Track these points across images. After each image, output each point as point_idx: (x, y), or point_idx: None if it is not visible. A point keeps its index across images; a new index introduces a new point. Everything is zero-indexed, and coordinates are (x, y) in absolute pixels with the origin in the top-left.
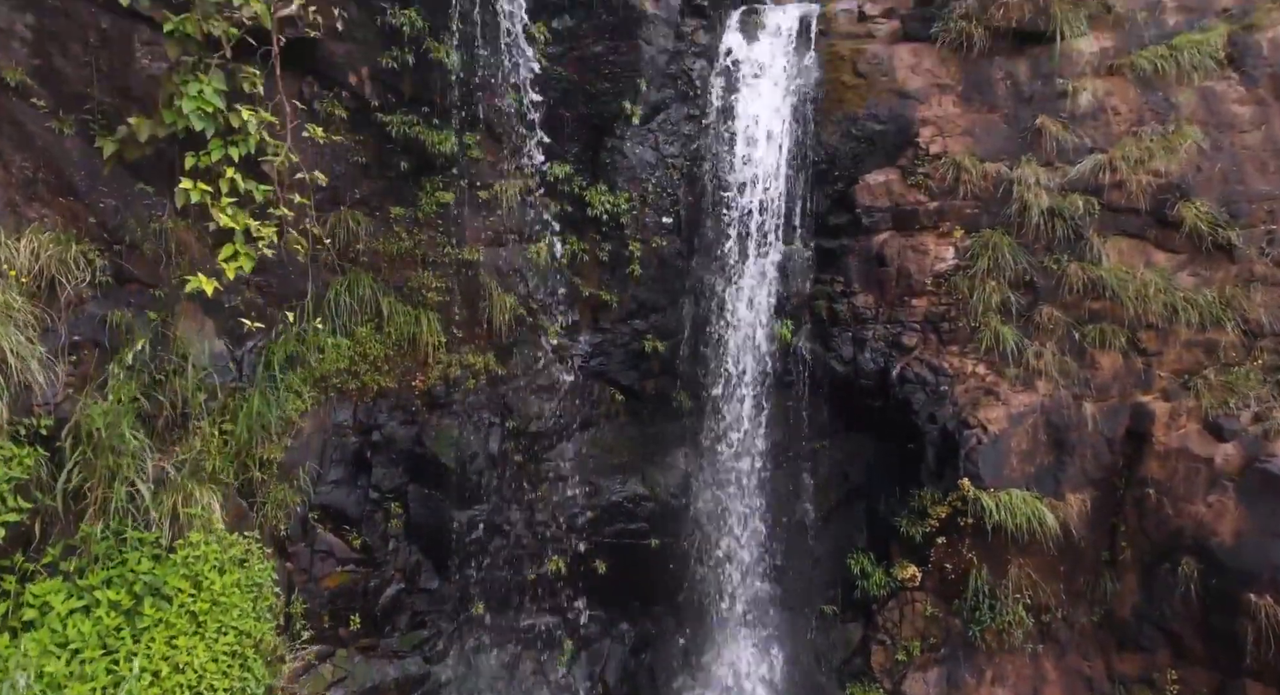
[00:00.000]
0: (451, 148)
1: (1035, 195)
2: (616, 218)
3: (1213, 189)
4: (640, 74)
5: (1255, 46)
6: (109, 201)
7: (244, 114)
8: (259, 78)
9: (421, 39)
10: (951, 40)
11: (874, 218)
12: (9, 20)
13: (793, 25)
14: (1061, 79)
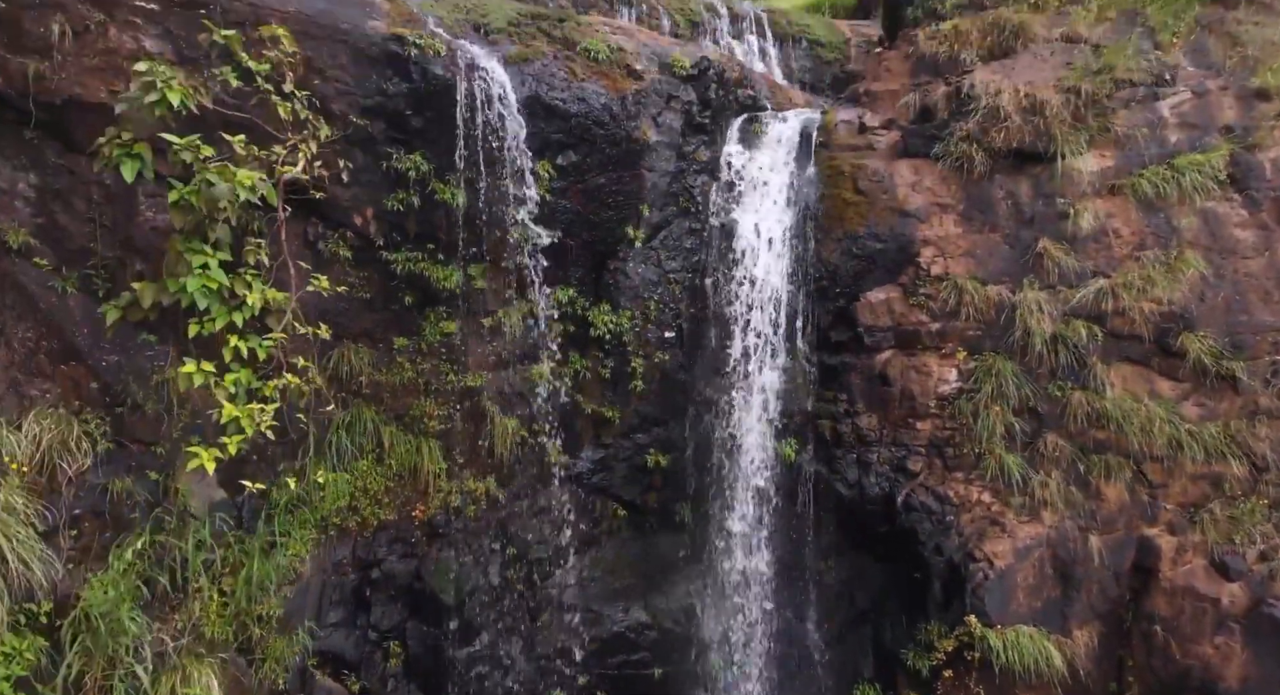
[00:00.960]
0: (456, 283)
1: (1038, 321)
2: (619, 336)
3: (1216, 319)
4: (643, 200)
5: (1258, 167)
6: (111, 357)
7: (250, 298)
8: (264, 248)
9: (427, 181)
10: (952, 162)
11: (876, 337)
12: (11, 180)
13: (793, 137)
14: (1063, 199)
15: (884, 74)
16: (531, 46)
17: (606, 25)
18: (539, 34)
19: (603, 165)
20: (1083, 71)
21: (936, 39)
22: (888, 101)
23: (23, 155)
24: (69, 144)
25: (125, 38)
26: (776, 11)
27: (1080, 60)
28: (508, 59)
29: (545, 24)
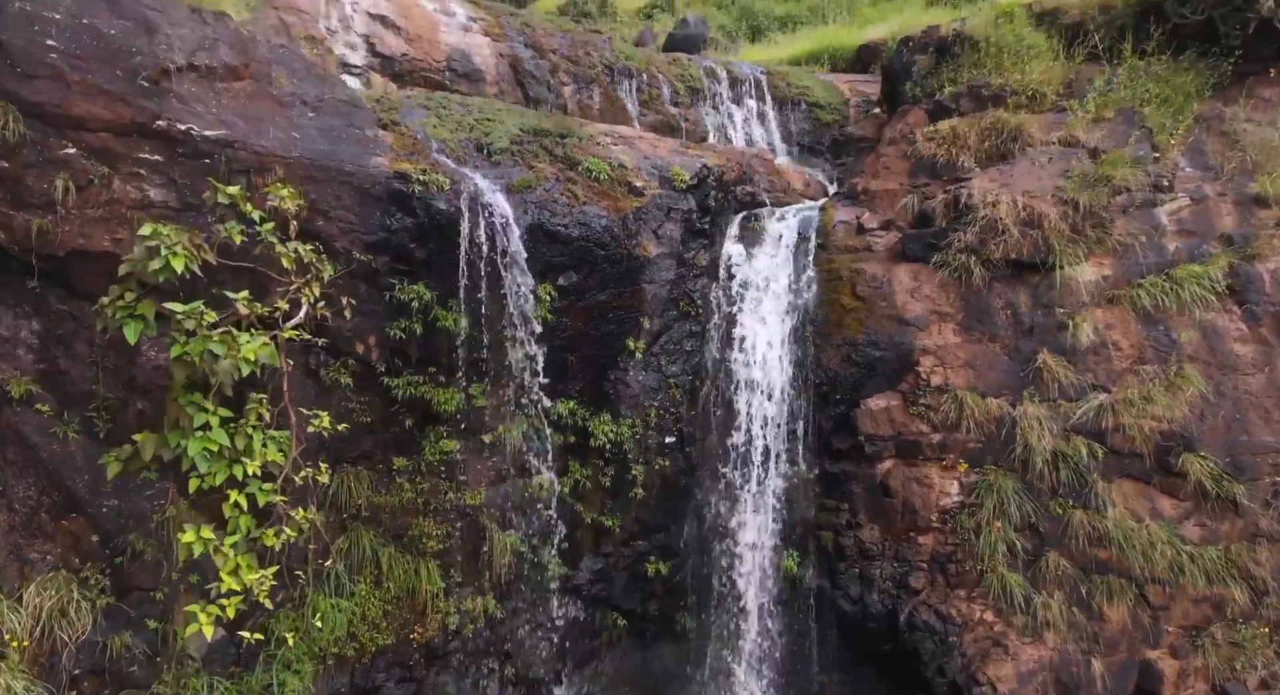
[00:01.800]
0: (457, 405)
1: (1038, 438)
2: (620, 444)
3: (1216, 439)
4: (643, 312)
5: (1257, 279)
6: (111, 502)
7: (250, 467)
8: (265, 404)
9: (429, 308)
10: (951, 271)
11: (877, 446)
12: (14, 328)
13: (791, 237)
14: (1061, 309)
15: (882, 171)
16: (535, 168)
17: (608, 135)
18: (541, 152)
19: (604, 283)
20: (1080, 181)
21: (935, 141)
22: (885, 201)
23: (25, 304)
24: (72, 290)
25: (129, 188)
26: (776, 73)
27: (1078, 168)
28: (510, 187)
29: (547, 141)
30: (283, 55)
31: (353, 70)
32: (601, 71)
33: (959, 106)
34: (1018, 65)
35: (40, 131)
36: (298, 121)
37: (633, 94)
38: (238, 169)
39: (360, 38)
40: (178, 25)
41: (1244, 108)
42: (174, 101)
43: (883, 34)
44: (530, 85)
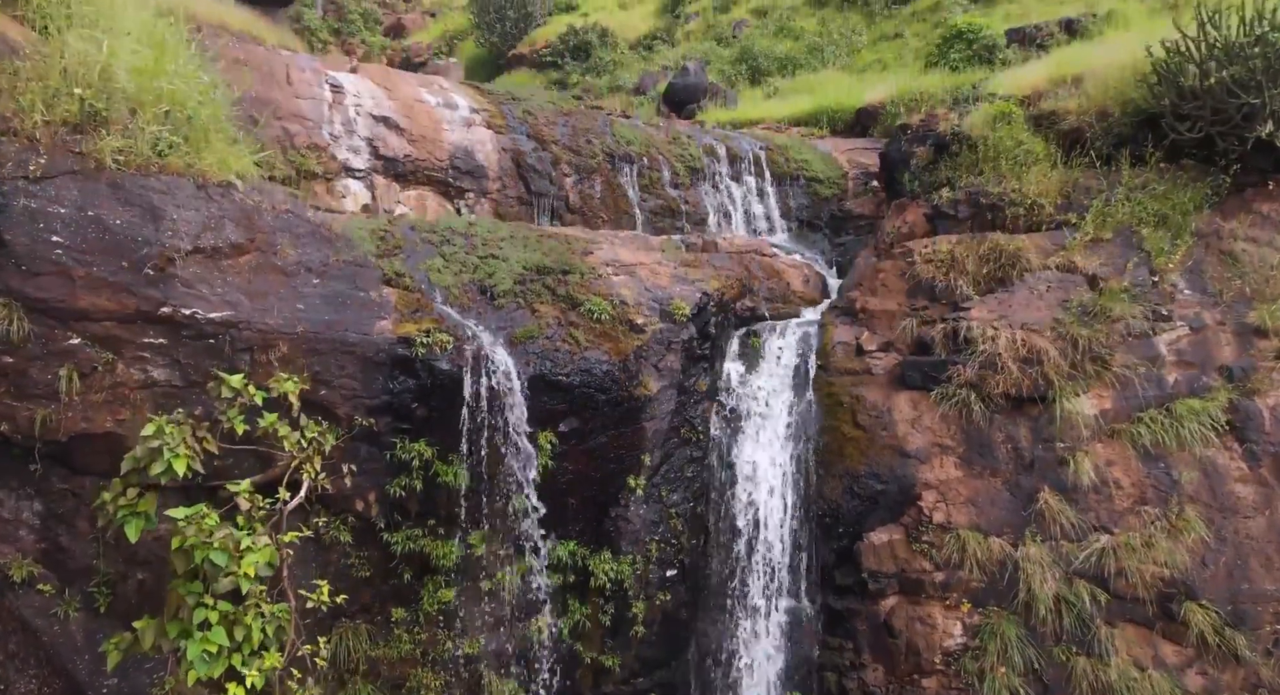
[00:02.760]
0: (456, 558)
1: (1041, 582)
2: (620, 582)
3: (1218, 586)
4: (644, 449)
5: (1257, 416)
6: (110, 682)
7: (250, 676)
8: (264, 595)
9: (430, 465)
10: (951, 404)
11: (880, 583)
12: (16, 511)
13: (791, 357)
14: (1062, 444)
15: (880, 288)
16: (537, 312)
17: (609, 265)
18: (544, 291)
19: (604, 426)
20: (1079, 315)
21: (933, 263)
22: (884, 322)
23: (27, 486)
24: (73, 468)
25: (133, 371)
26: (774, 148)
27: (1076, 299)
28: (513, 339)
29: (550, 279)
30: (287, 222)
31: (356, 174)
32: (603, 159)
33: (957, 213)
34: (1015, 171)
35: (44, 325)
36: (302, 291)
37: (633, 180)
38: (241, 348)
39: (363, 141)
40: (183, 207)
41: (1243, 224)
42: (179, 286)
43: (880, 97)
44: (532, 179)
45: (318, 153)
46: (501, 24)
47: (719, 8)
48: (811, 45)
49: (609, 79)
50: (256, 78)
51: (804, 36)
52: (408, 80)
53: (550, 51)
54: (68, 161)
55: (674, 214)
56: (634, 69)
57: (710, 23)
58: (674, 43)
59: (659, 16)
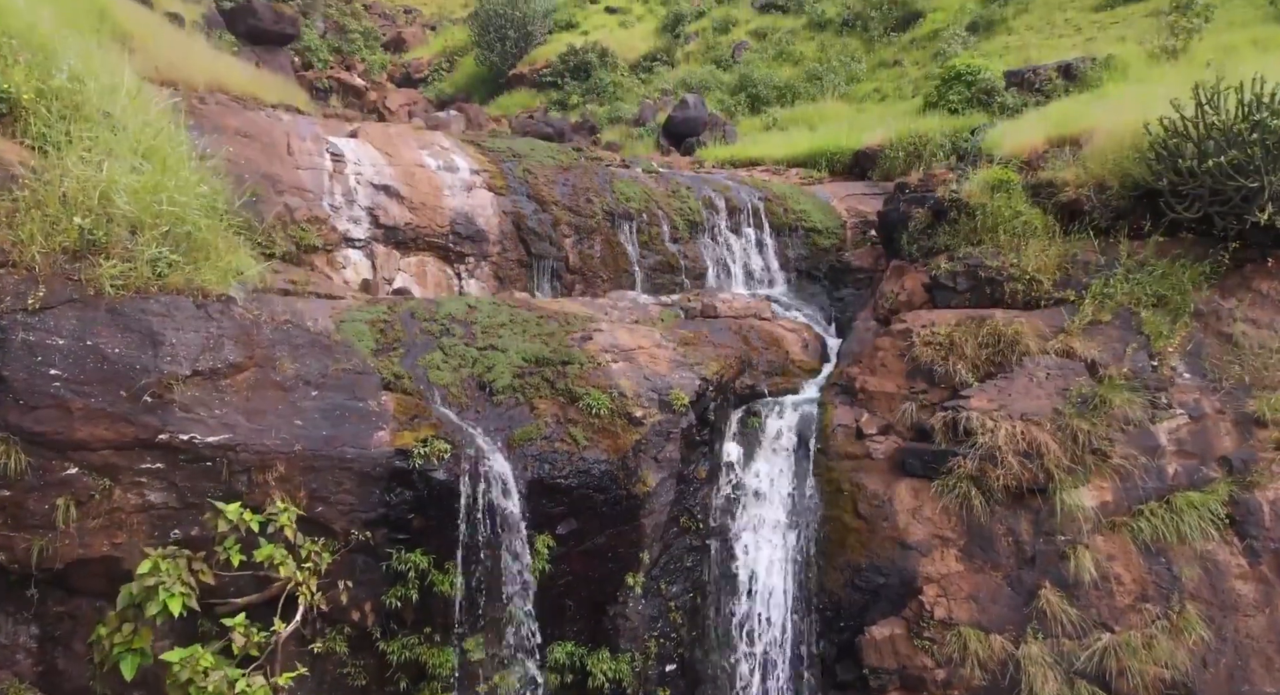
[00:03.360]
0: (452, 667)
1: (1042, 683)
2: (619, 681)
3: (1219, 689)
4: (643, 547)
5: (1257, 510)
6: None
7: None
8: None
9: (426, 574)
10: (952, 496)
11: (882, 679)
12: (13, 635)
13: (791, 439)
14: (1063, 537)
15: (879, 368)
16: (536, 409)
17: (609, 352)
18: (543, 384)
19: (603, 526)
20: (1079, 407)
21: (932, 346)
22: (884, 404)
23: (24, 610)
24: (70, 590)
25: (130, 496)
26: (774, 198)
27: (1076, 389)
28: (511, 442)
29: (549, 372)
30: (286, 334)
31: (356, 243)
32: (602, 218)
33: (956, 285)
34: (1013, 242)
35: (42, 457)
36: (300, 405)
37: (632, 237)
38: (239, 469)
39: (364, 210)
40: (182, 329)
41: (1242, 303)
42: (177, 412)
43: (878, 140)
44: (532, 242)
45: (318, 225)
46: (502, 43)
47: (718, 28)
48: (810, 72)
49: (609, 109)
50: (258, 151)
51: (803, 62)
52: (408, 142)
53: (550, 71)
54: (67, 290)
55: (673, 270)
56: (634, 94)
57: (710, 43)
58: (674, 63)
59: (658, 36)
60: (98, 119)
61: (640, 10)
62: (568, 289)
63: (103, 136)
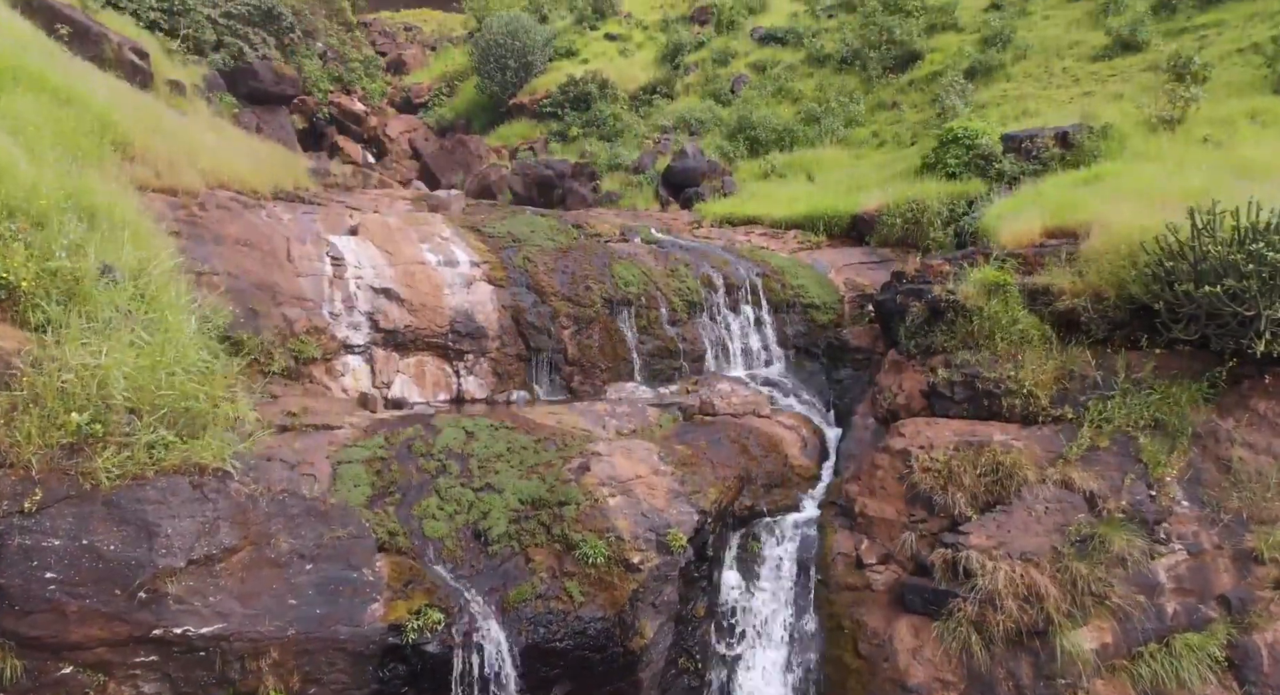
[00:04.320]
0: None
1: None
2: None
3: None
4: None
5: (1255, 654)
6: None
7: None
8: None
9: None
10: (953, 639)
11: None
12: None
13: (790, 567)
14: (1064, 680)
15: (878, 489)
16: (531, 561)
17: (606, 485)
18: (538, 530)
19: (599, 684)
20: (1077, 546)
21: (930, 473)
22: (883, 530)
23: None
24: None
25: (124, 688)
26: (772, 274)
27: (1075, 526)
28: (505, 604)
29: (546, 515)
30: (282, 505)
31: (355, 349)
32: (601, 306)
33: (954, 395)
34: (1010, 350)
35: (36, 659)
36: (295, 582)
37: (631, 322)
38: (233, 657)
39: (364, 316)
40: (178, 516)
41: (1240, 424)
42: (171, 605)
43: (875, 205)
44: (531, 336)
45: (318, 335)
46: (502, 73)
47: (718, 60)
48: (809, 113)
49: (609, 156)
50: (258, 260)
51: (802, 100)
52: (408, 236)
53: (550, 102)
54: (63, 487)
55: (671, 354)
56: (633, 131)
57: (709, 75)
58: (673, 95)
59: (658, 66)
60: (97, 296)
61: (640, 37)
62: (566, 380)
63: (103, 312)
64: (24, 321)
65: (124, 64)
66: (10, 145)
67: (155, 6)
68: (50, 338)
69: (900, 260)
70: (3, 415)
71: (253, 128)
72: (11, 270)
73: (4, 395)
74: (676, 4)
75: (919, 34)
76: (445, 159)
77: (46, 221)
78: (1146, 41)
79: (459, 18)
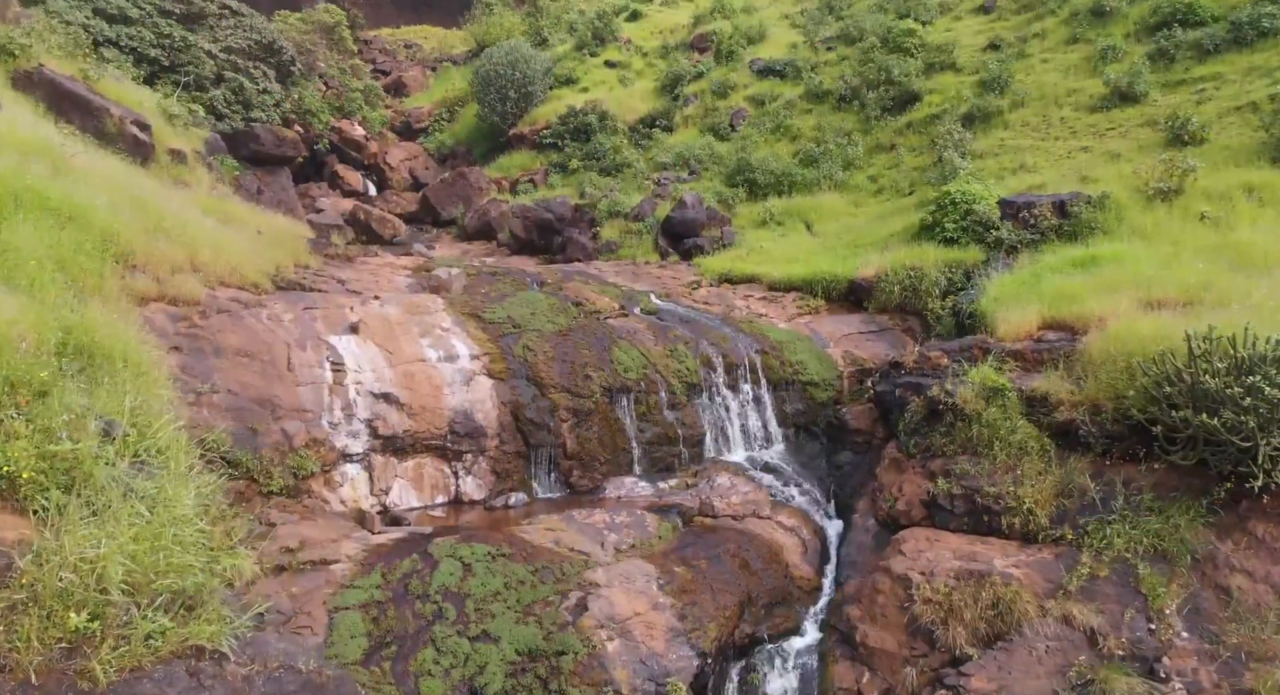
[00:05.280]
0: None
1: None
2: None
3: None
4: None
5: None
6: None
7: None
8: None
9: None
10: None
11: None
12: None
13: None
14: None
15: (879, 616)
16: None
17: (604, 628)
18: (535, 685)
19: None
20: (1079, 692)
21: (931, 605)
22: (884, 662)
23: None
24: None
25: None
26: (771, 350)
27: (1076, 666)
28: None
29: (543, 667)
30: (279, 684)
31: (354, 458)
32: (600, 396)
33: (954, 509)
34: (1009, 462)
35: None
36: None
37: (630, 409)
38: None
39: (363, 423)
40: None
41: (1238, 547)
42: None
43: (872, 271)
44: (530, 432)
45: (317, 447)
46: (502, 104)
47: (717, 92)
48: (807, 154)
49: (608, 203)
50: (258, 373)
51: (800, 139)
52: (408, 330)
53: (550, 133)
54: (61, 689)
55: (670, 441)
56: (632, 170)
57: (708, 107)
58: (672, 127)
59: (657, 97)
60: (97, 474)
61: (640, 64)
62: (565, 475)
63: (101, 496)
64: (23, 509)
65: (125, 137)
66: (7, 296)
67: (155, 43)
68: (50, 529)
69: (898, 327)
70: (3, 617)
71: (254, 190)
72: (12, 460)
73: (4, 593)
74: (676, 30)
75: (917, 74)
76: (445, 192)
77: (49, 390)
78: (1144, 93)
79: (459, 34)
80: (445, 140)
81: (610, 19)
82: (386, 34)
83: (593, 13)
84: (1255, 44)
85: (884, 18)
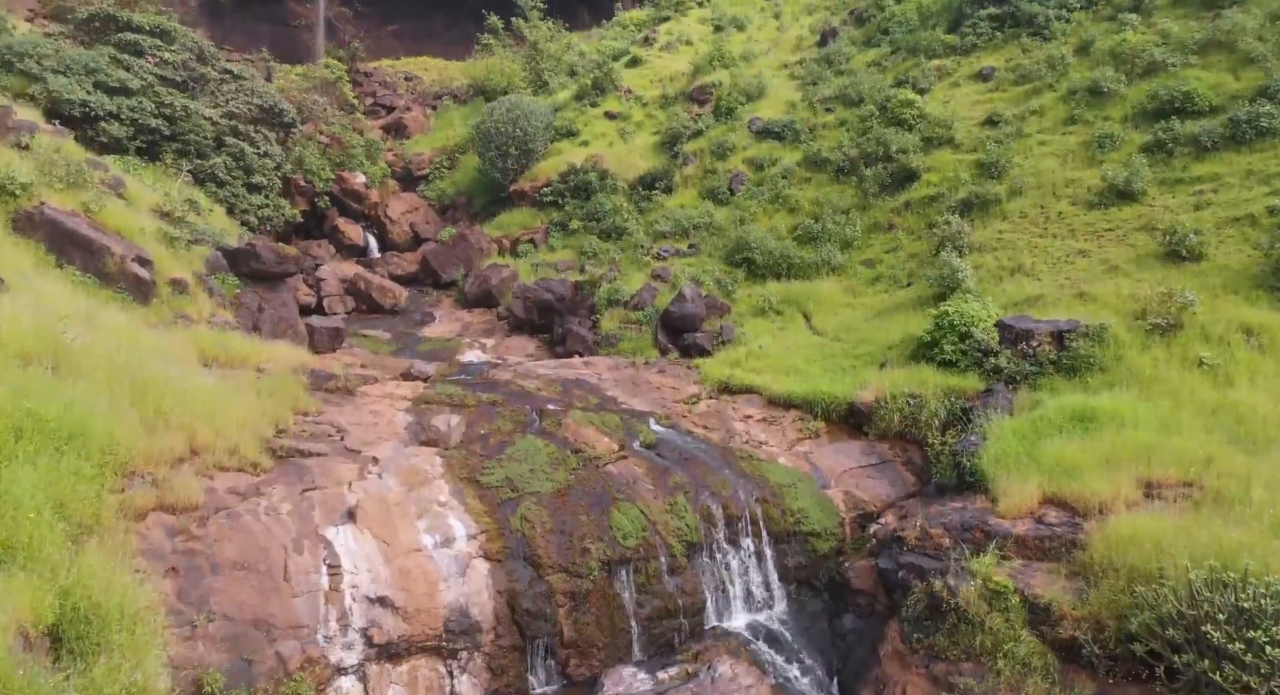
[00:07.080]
0: None
1: None
2: None
3: None
4: None
5: None
6: None
7: None
8: None
9: None
10: None
11: None
12: None
13: None
14: None
15: None
16: None
17: None
18: None
19: None
20: None
21: None
22: None
23: None
24: None
25: None
26: (771, 498)
27: None
28: None
29: None
30: None
31: (348, 671)
32: (599, 572)
33: None
34: (1013, 679)
35: None
36: None
37: (629, 581)
38: None
39: (358, 633)
40: None
41: None
42: None
43: (871, 396)
44: (527, 624)
45: (311, 666)
46: (503, 160)
47: (715, 153)
48: (806, 231)
49: (608, 290)
50: (253, 588)
51: (799, 211)
52: (406, 511)
53: (551, 191)
54: None
55: (671, 614)
56: (630, 242)
57: (707, 168)
58: (672, 187)
59: (657, 154)
60: None
61: (640, 115)
62: (562, 666)
63: None
64: None
65: (127, 276)
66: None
67: (155, 113)
68: None
69: (899, 459)
70: None
71: (255, 308)
72: None
73: None
74: (676, 78)
75: (915, 150)
76: (446, 255)
77: None
78: (1142, 192)
79: (458, 65)
80: (446, 189)
81: (610, 67)
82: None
83: (592, 57)
84: (1253, 144)
85: (882, 79)
